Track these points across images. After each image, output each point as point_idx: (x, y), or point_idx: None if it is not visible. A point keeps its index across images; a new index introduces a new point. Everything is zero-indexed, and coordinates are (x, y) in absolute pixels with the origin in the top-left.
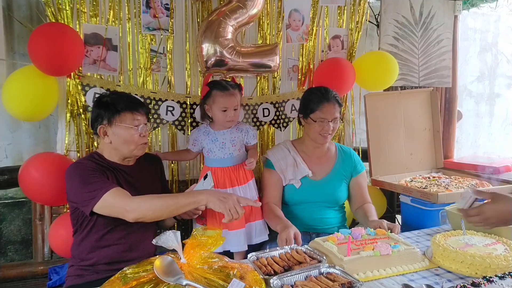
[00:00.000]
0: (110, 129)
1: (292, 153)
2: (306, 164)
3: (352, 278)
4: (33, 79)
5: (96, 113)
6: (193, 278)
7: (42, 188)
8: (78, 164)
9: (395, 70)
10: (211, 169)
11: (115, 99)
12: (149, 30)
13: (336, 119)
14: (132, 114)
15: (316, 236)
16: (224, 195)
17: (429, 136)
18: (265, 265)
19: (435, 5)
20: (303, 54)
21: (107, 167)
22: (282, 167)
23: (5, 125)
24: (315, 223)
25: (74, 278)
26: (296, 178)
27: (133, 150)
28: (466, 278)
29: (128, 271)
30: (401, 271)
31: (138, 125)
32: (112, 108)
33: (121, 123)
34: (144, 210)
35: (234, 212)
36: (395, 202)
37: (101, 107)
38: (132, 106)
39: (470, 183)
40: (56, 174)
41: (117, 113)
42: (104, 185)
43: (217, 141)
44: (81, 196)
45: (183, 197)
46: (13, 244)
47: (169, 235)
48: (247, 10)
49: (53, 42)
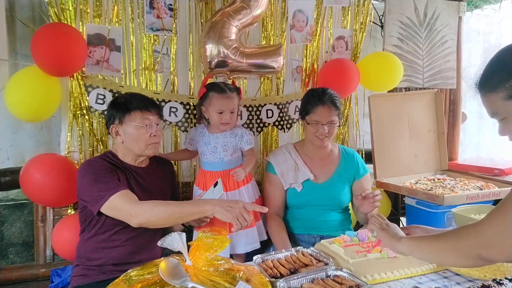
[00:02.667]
0: (121, 128)
1: (293, 156)
2: (308, 167)
3: (359, 280)
4: (36, 80)
5: (109, 114)
6: (199, 280)
7: (43, 190)
8: (91, 162)
9: (400, 71)
10: (204, 172)
11: (128, 99)
12: (153, 31)
13: (332, 122)
14: (142, 113)
15: (320, 238)
16: (230, 204)
17: (433, 138)
18: (271, 267)
19: (439, 6)
20: (307, 55)
21: (119, 166)
22: (283, 171)
23: (7, 126)
24: (318, 225)
25: (80, 278)
26: (297, 182)
27: (144, 149)
28: (475, 280)
29: (132, 273)
30: (409, 273)
31: (149, 124)
32: (123, 107)
33: (131, 122)
34: (148, 216)
35: (242, 220)
36: (400, 204)
37: (114, 108)
38: (143, 105)
39: (476, 184)
40: (58, 175)
41: (128, 112)
42: (113, 186)
43: (210, 144)
44: (90, 195)
45: (189, 206)
46: (15, 246)
47: (175, 237)
48: (251, 11)
49: (55, 42)
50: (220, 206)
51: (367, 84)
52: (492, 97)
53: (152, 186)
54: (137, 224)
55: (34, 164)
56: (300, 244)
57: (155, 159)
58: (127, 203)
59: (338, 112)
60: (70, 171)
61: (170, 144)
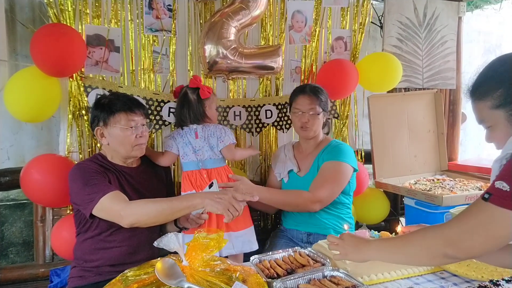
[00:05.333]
0: (106, 131)
1: (285, 150)
2: (295, 160)
3: (356, 281)
4: (35, 80)
5: (93, 115)
6: (195, 281)
7: (43, 190)
8: (80, 166)
9: (399, 72)
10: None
11: (112, 100)
12: (152, 31)
13: (313, 111)
14: (126, 115)
15: (306, 235)
16: (220, 196)
17: (433, 138)
18: (268, 268)
19: (439, 7)
20: (306, 55)
21: (109, 168)
22: (277, 164)
23: (7, 127)
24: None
25: (77, 279)
26: (284, 172)
27: (130, 151)
28: (472, 281)
29: (129, 273)
30: (406, 274)
31: (134, 126)
32: (107, 109)
33: (116, 124)
34: (138, 215)
35: (233, 210)
36: (399, 205)
37: (98, 109)
38: (127, 107)
39: (475, 185)
40: (58, 175)
41: (112, 114)
42: (103, 188)
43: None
44: (81, 198)
45: (178, 201)
46: (15, 246)
47: (171, 237)
48: (250, 11)
49: (54, 43)
50: (210, 199)
51: (366, 85)
52: (481, 105)
53: (144, 185)
54: (127, 224)
55: (34, 164)
56: (292, 240)
57: (147, 159)
58: (116, 204)
59: (319, 102)
60: None
61: None
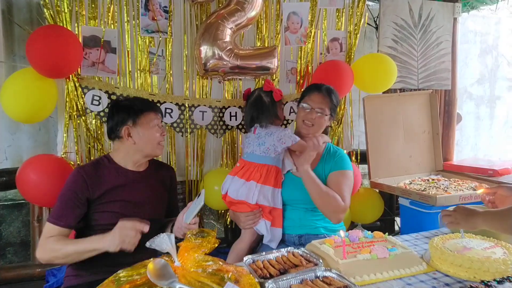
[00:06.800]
0: (134, 129)
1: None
2: (292, 159)
3: (348, 281)
4: (31, 81)
5: (118, 117)
6: (187, 281)
7: (39, 190)
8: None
9: (394, 73)
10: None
11: (134, 101)
12: (148, 33)
13: (322, 111)
14: (154, 114)
15: (298, 238)
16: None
17: (428, 139)
18: (261, 268)
19: (434, 8)
20: (301, 56)
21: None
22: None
23: (5, 127)
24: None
25: (72, 278)
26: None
27: (156, 149)
28: (464, 282)
29: (121, 274)
30: (398, 274)
31: (158, 125)
32: (136, 109)
33: (148, 122)
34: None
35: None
36: (394, 205)
37: (123, 110)
38: (151, 107)
39: (469, 185)
40: (53, 176)
41: (142, 113)
42: (59, 215)
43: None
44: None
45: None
46: (12, 246)
47: (163, 238)
48: (246, 13)
49: (50, 44)
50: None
51: (361, 86)
52: None
53: (145, 192)
54: (39, 259)
55: (30, 164)
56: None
57: (154, 163)
58: (44, 236)
59: (331, 104)
60: (66, 171)
61: (166, 145)
